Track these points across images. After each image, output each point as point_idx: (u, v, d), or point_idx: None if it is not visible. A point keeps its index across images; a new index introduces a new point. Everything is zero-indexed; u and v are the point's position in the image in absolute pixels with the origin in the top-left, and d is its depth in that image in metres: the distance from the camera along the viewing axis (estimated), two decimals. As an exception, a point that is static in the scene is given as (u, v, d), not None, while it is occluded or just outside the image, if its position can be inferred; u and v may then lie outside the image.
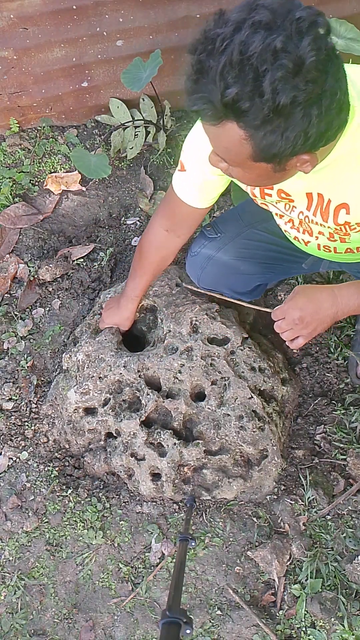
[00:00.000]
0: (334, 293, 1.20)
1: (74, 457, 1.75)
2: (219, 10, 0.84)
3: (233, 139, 0.87)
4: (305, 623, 1.52)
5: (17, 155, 2.19)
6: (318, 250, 1.33)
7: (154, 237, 1.50)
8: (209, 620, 1.56)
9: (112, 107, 2.16)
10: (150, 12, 1.89)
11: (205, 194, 1.33)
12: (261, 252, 1.54)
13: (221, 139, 0.91)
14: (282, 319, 1.26)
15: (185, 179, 1.31)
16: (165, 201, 1.44)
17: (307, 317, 1.21)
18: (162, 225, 1.46)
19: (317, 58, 0.78)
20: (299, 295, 1.23)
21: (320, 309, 1.20)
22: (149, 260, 1.56)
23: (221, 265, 1.57)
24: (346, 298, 1.19)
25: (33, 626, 1.61)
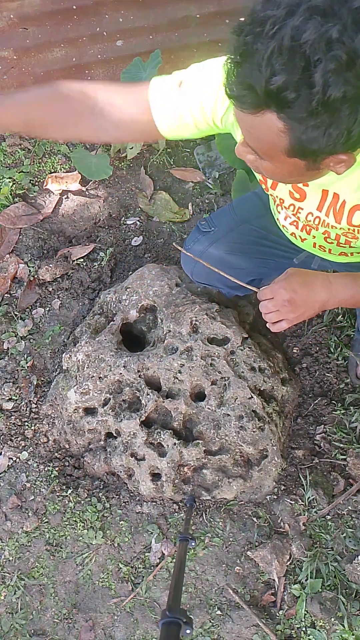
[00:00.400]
0: (329, 280, 1.15)
1: (74, 457, 1.75)
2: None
3: (270, 130, 0.81)
4: (305, 623, 1.52)
5: (17, 155, 2.19)
6: (313, 247, 1.33)
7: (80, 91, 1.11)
8: (209, 620, 1.56)
9: (112, 107, 2.16)
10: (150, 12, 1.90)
11: (180, 127, 1.12)
12: (254, 247, 1.54)
13: (256, 130, 0.84)
14: (270, 298, 1.18)
15: (172, 96, 1.08)
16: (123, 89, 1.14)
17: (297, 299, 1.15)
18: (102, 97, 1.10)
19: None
20: (292, 276, 1.17)
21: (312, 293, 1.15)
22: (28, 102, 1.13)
23: (214, 259, 1.56)
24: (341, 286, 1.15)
25: (33, 626, 1.61)
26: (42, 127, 1.16)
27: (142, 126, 1.13)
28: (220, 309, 1.74)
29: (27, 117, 1.13)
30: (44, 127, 1.16)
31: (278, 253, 1.54)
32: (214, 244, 1.55)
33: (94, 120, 1.12)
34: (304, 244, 1.35)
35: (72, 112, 1.12)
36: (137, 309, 1.76)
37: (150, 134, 1.14)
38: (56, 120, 1.14)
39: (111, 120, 1.11)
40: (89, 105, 1.10)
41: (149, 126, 1.12)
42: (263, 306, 1.21)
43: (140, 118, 1.11)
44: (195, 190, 2.13)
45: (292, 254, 1.51)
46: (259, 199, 1.54)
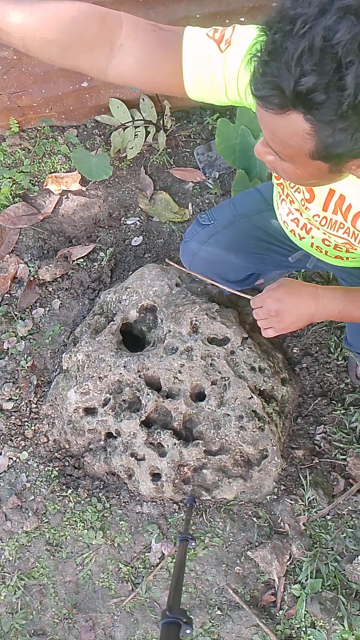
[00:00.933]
0: (317, 293, 1.15)
1: (74, 457, 1.75)
2: None
3: (295, 132, 0.78)
4: (305, 623, 1.52)
5: (17, 155, 2.19)
6: (310, 247, 1.33)
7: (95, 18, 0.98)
8: (209, 620, 1.56)
9: (112, 107, 2.16)
10: (150, 12, 1.89)
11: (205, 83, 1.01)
12: (252, 243, 1.53)
13: (281, 130, 0.81)
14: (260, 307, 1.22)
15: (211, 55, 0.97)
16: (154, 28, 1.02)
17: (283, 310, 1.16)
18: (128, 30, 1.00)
19: None
20: (281, 287, 1.18)
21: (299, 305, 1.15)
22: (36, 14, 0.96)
23: (212, 252, 1.55)
24: (328, 301, 1.14)
25: (33, 626, 1.61)
26: (45, 46, 0.97)
27: (165, 75, 1.01)
28: (220, 309, 1.74)
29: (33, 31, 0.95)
30: (48, 46, 0.97)
31: (276, 250, 1.54)
32: (213, 237, 1.55)
33: (110, 54, 0.99)
34: (302, 242, 1.35)
35: (89, 37, 0.97)
36: (137, 309, 1.76)
37: (171, 86, 1.02)
38: (67, 43, 0.97)
39: (131, 59, 0.99)
40: (111, 35, 0.98)
41: (173, 77, 1.00)
42: (254, 313, 1.25)
43: (165, 66, 0.99)
44: (196, 190, 2.13)
45: (289, 251, 1.51)
46: (260, 194, 1.53)
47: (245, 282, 1.69)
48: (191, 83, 1.00)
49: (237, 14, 1.92)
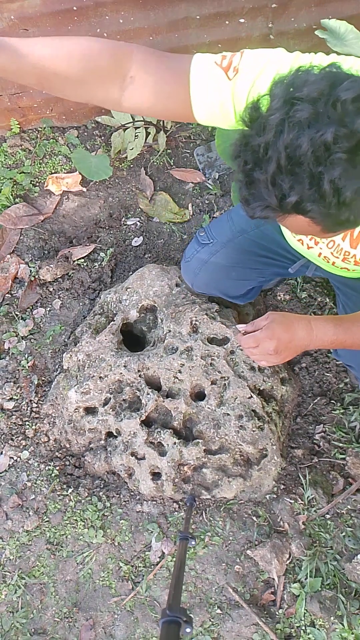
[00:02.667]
0: (310, 325, 1.16)
1: (75, 456, 1.76)
2: (252, 106, 0.78)
3: (301, 224, 0.85)
4: (305, 622, 1.53)
5: (17, 156, 2.20)
6: (317, 257, 1.34)
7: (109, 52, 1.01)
8: (209, 619, 1.57)
9: (112, 107, 2.16)
10: (150, 14, 1.90)
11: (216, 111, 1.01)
12: (252, 259, 1.56)
13: (290, 225, 0.88)
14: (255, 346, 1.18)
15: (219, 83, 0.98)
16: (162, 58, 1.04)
17: (281, 347, 1.15)
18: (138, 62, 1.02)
19: None
20: (275, 323, 1.16)
21: (295, 339, 1.15)
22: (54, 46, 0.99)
23: (213, 270, 1.58)
24: (321, 332, 1.16)
25: (33, 625, 1.61)
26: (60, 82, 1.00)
27: (176, 105, 1.03)
28: (220, 309, 1.74)
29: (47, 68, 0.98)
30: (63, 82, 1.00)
31: (275, 263, 1.56)
32: (214, 256, 1.57)
33: (122, 86, 1.02)
34: (309, 251, 1.35)
35: (101, 72, 1.00)
36: (138, 309, 1.77)
37: (183, 115, 1.04)
38: (80, 78, 1.00)
39: (143, 91, 1.02)
40: (122, 69, 1.01)
41: (183, 107, 1.02)
42: (248, 352, 1.20)
43: (176, 96, 1.01)
44: (195, 191, 2.13)
45: (288, 263, 1.52)
46: None
47: (247, 296, 1.71)
48: (201, 111, 1.02)
49: (237, 14, 1.93)
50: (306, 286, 1.94)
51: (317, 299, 1.92)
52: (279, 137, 0.74)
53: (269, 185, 0.77)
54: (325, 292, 1.93)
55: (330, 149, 0.72)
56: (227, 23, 1.96)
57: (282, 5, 1.92)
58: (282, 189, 0.76)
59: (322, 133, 0.72)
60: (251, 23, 1.97)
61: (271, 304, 1.95)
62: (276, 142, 0.74)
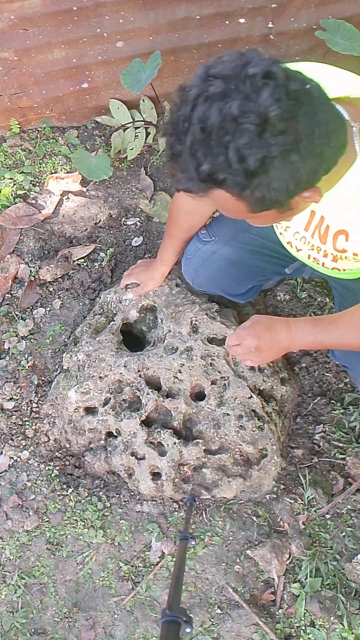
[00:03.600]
0: (290, 327, 1.23)
1: (75, 456, 1.76)
2: (179, 86, 0.86)
3: (225, 201, 0.90)
4: (305, 622, 1.53)
5: (17, 156, 2.20)
6: (307, 259, 1.35)
7: (183, 204, 1.47)
8: (209, 619, 1.57)
9: (112, 108, 2.16)
10: (150, 14, 1.90)
11: None
12: (253, 257, 1.56)
13: (217, 203, 0.93)
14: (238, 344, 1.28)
15: None
16: None
17: (262, 345, 1.24)
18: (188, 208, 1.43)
19: (280, 108, 0.78)
20: (257, 324, 1.26)
21: (275, 339, 1.24)
22: (178, 227, 1.56)
23: (214, 268, 1.59)
24: (300, 332, 1.22)
25: (33, 625, 1.61)
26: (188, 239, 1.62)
27: None
28: (220, 309, 1.74)
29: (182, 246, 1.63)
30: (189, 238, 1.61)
31: (275, 261, 1.56)
32: (215, 254, 1.57)
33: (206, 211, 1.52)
34: (299, 254, 1.37)
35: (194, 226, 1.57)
36: (138, 309, 1.77)
37: None
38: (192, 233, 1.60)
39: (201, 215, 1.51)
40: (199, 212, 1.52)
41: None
42: (232, 350, 1.31)
43: None
44: (195, 191, 2.13)
45: (287, 262, 1.53)
46: None
47: (247, 295, 1.71)
48: None
49: (236, 15, 1.93)
50: (306, 286, 1.94)
51: (317, 299, 1.92)
52: (194, 110, 0.81)
53: (188, 155, 0.83)
54: (325, 292, 1.94)
55: (237, 120, 0.78)
56: (227, 23, 1.96)
57: (282, 5, 1.92)
58: (198, 158, 0.82)
59: (230, 105, 0.78)
60: (251, 23, 1.97)
61: (271, 303, 1.95)
62: (192, 114, 0.81)
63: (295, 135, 0.81)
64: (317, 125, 0.84)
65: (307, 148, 0.83)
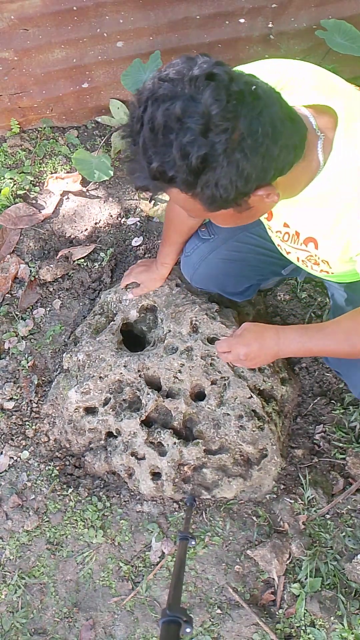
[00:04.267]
0: (278, 335, 1.26)
1: (75, 456, 1.76)
2: (136, 90, 0.89)
3: (181, 199, 0.92)
4: (305, 622, 1.53)
5: (18, 156, 2.20)
6: (297, 262, 1.37)
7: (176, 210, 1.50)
8: (209, 619, 1.57)
9: (112, 108, 2.16)
10: (150, 14, 1.90)
11: None
12: (251, 256, 1.57)
13: (176, 201, 0.96)
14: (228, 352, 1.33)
15: None
16: None
17: (251, 353, 1.29)
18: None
19: (222, 107, 0.81)
20: (247, 332, 1.31)
21: (264, 346, 1.27)
22: (176, 229, 1.58)
23: (213, 266, 1.59)
24: (288, 340, 1.25)
25: (34, 625, 1.61)
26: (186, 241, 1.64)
27: None
28: (220, 309, 1.74)
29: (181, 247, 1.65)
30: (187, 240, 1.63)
31: (274, 262, 1.57)
32: (214, 252, 1.57)
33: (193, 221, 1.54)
34: (289, 256, 1.38)
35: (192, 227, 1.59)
36: (138, 309, 1.77)
37: None
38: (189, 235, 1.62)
39: None
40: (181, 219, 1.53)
41: None
42: (222, 356, 1.36)
43: None
44: (196, 191, 2.13)
45: (284, 263, 1.53)
46: None
47: (245, 294, 1.71)
48: None
49: (236, 15, 1.93)
50: (306, 286, 1.94)
51: (317, 299, 1.92)
52: (145, 112, 0.84)
53: (141, 154, 0.86)
54: (325, 292, 1.94)
55: (181, 120, 0.81)
56: (227, 23, 1.96)
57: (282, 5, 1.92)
58: (149, 157, 0.85)
59: (175, 106, 0.81)
60: (251, 23, 1.97)
61: (271, 304, 1.95)
62: (142, 116, 0.85)
63: (238, 133, 0.83)
64: (261, 125, 0.86)
65: (250, 146, 0.85)
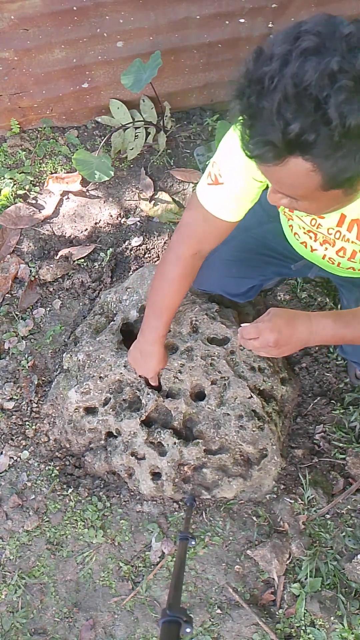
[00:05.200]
0: (311, 321, 1.17)
1: (75, 456, 1.76)
2: (257, 49, 0.79)
3: (299, 174, 0.83)
4: (305, 622, 1.53)
5: (18, 156, 2.20)
6: (322, 259, 1.33)
7: (182, 267, 1.38)
8: (209, 619, 1.57)
9: (112, 108, 2.16)
10: (150, 14, 1.90)
11: (243, 203, 1.24)
12: (253, 257, 1.56)
13: (285, 177, 0.86)
14: (255, 338, 1.20)
15: (221, 193, 1.22)
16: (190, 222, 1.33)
17: (282, 340, 1.17)
18: (190, 249, 1.36)
19: None
20: (277, 317, 1.18)
21: (295, 333, 1.17)
22: (178, 291, 1.43)
23: (214, 267, 1.58)
24: (321, 328, 1.17)
25: (34, 625, 1.62)
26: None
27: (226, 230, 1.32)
28: (220, 309, 1.74)
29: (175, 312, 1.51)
30: None
31: (277, 262, 1.56)
32: (216, 253, 1.56)
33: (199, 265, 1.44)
34: (313, 254, 1.35)
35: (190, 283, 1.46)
36: (138, 309, 1.77)
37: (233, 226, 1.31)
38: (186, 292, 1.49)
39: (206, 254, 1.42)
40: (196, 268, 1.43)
41: (230, 226, 1.30)
42: (249, 344, 1.22)
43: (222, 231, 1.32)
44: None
45: (289, 262, 1.52)
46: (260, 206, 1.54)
47: (247, 295, 1.71)
48: (231, 217, 1.27)
49: (236, 15, 1.93)
50: (306, 286, 1.94)
51: (317, 299, 1.92)
52: (286, 66, 0.75)
53: (274, 114, 0.75)
54: (326, 292, 1.94)
55: (336, 77, 0.73)
56: (227, 23, 1.96)
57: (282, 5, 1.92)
58: (286, 118, 0.75)
59: (328, 62, 0.73)
60: (251, 23, 1.97)
61: (271, 304, 1.95)
62: (282, 70, 0.74)
63: None
64: None
65: None
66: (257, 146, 0.80)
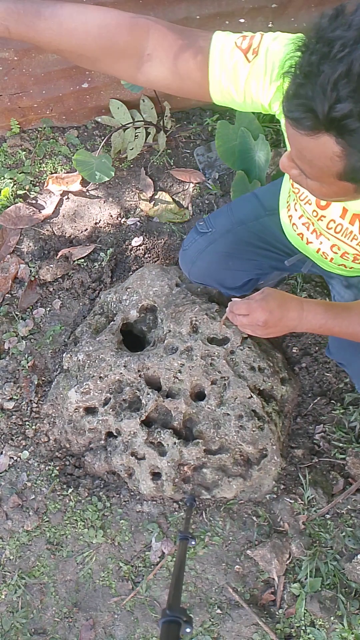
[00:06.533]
0: (302, 307, 1.16)
1: (75, 456, 1.76)
2: (338, 6, 0.72)
3: (325, 153, 0.78)
4: (305, 622, 1.53)
5: (17, 156, 2.20)
6: (316, 253, 1.33)
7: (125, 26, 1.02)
8: (209, 619, 1.57)
9: (112, 108, 2.16)
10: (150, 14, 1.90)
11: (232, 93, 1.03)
12: (249, 250, 1.55)
13: (310, 151, 0.81)
14: (245, 314, 1.17)
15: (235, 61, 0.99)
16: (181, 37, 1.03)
17: (271, 321, 1.15)
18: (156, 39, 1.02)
19: None
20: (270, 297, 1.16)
21: (286, 316, 1.15)
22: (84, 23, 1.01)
23: (211, 260, 1.58)
24: (311, 316, 1.15)
25: (34, 625, 1.62)
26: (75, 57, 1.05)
27: (193, 83, 1.04)
28: (220, 309, 1.74)
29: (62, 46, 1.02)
30: (78, 58, 1.05)
31: (272, 255, 1.56)
32: (212, 245, 1.56)
33: (138, 63, 1.04)
34: (308, 247, 1.35)
35: (117, 50, 1.02)
36: (138, 309, 1.77)
37: (198, 93, 1.06)
38: (96, 56, 1.04)
39: (159, 68, 1.04)
40: (139, 46, 1.02)
41: (200, 86, 1.04)
42: (237, 320, 1.19)
43: (193, 75, 1.03)
44: (195, 191, 2.13)
45: (284, 257, 1.52)
46: (257, 200, 1.54)
47: (243, 288, 1.71)
48: (218, 92, 1.04)
49: (236, 15, 1.93)
50: (306, 286, 1.94)
51: (316, 298, 1.92)
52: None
53: (330, 84, 0.69)
54: (326, 292, 1.94)
55: None
56: (227, 23, 1.96)
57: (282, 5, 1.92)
58: (340, 93, 0.69)
59: None
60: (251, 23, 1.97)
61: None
62: (357, 42, 0.68)
63: None
64: None
65: None
66: (299, 108, 0.74)
